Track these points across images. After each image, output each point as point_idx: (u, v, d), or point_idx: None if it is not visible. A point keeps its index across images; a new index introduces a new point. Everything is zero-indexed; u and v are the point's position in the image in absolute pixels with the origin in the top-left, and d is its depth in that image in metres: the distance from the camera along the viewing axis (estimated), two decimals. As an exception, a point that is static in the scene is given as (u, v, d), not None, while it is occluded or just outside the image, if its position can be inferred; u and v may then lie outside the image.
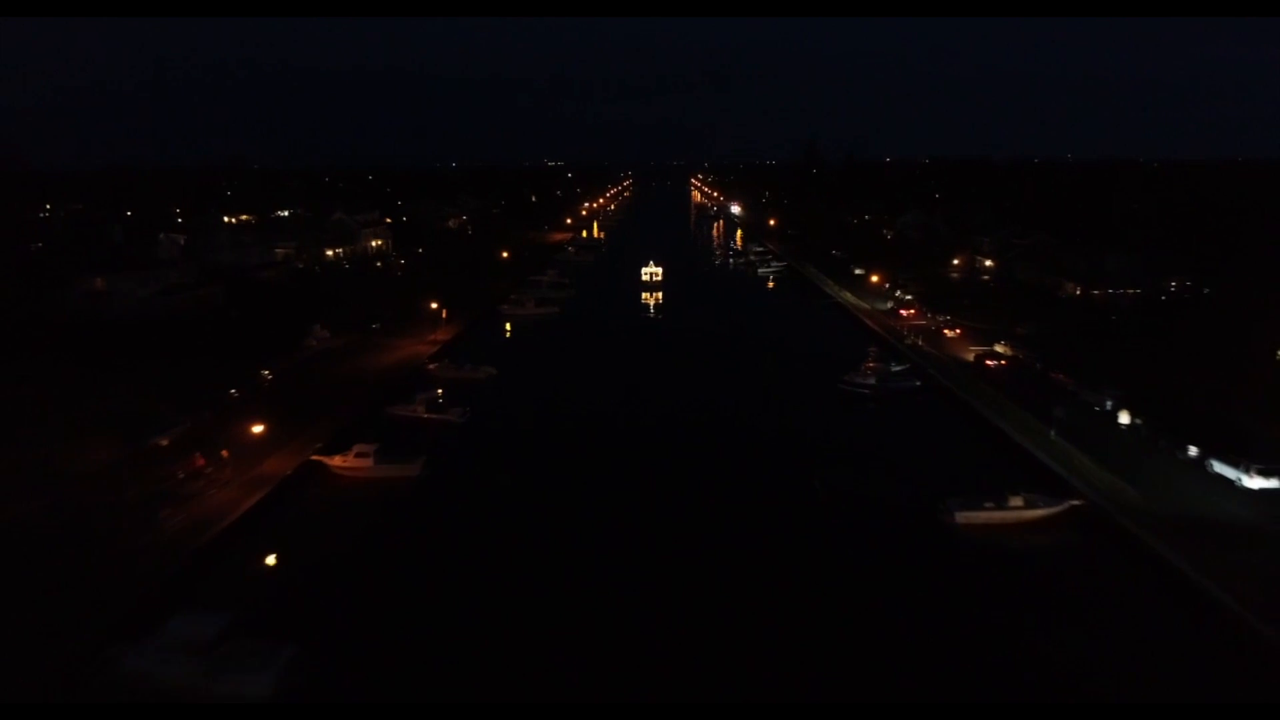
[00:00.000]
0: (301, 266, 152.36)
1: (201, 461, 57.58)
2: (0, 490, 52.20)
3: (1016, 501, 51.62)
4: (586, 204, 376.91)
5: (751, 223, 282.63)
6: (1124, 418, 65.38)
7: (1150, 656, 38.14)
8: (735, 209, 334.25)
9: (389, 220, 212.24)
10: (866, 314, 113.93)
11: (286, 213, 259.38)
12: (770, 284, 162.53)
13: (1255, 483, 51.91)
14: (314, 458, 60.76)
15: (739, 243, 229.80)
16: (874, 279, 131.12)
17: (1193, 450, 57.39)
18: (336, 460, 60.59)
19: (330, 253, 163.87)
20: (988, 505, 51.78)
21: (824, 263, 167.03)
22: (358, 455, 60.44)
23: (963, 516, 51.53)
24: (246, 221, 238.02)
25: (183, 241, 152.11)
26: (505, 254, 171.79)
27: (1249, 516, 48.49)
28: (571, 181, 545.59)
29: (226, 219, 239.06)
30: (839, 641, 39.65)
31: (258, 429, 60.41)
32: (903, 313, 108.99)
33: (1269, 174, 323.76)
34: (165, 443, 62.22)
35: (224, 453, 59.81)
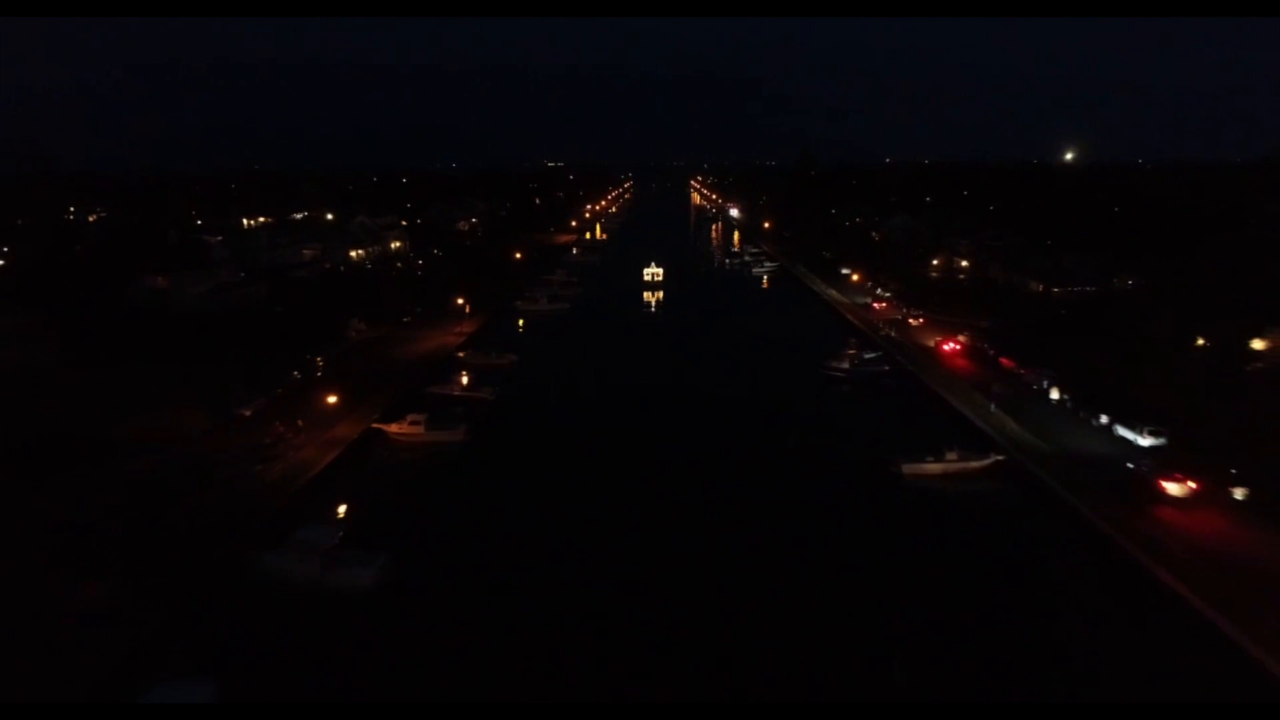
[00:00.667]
0: (328, 267, 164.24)
1: (281, 429, 69.81)
2: (126, 449, 64.22)
3: (952, 456, 63.73)
4: (589, 206, 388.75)
5: (750, 225, 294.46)
6: (1054, 394, 77.51)
7: (1039, 557, 50.45)
8: (734, 212, 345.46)
9: (404, 223, 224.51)
10: (847, 308, 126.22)
11: (300, 215, 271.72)
12: (764, 283, 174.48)
13: (1146, 440, 64.07)
14: (374, 425, 72.90)
15: (736, 244, 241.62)
16: (855, 278, 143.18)
17: (1104, 418, 69.46)
18: (393, 427, 72.74)
19: (354, 254, 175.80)
20: (929, 459, 63.89)
21: (814, 263, 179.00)
22: (411, 423, 72.60)
23: (908, 468, 63.65)
24: (265, 223, 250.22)
25: (216, 241, 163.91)
26: (519, 255, 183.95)
27: (1126, 460, 60.88)
28: (573, 183, 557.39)
29: (246, 221, 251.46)
30: (804, 562, 51.69)
31: (331, 399, 72.60)
32: (875, 306, 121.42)
33: (1248, 175, 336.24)
34: (247, 414, 74.29)
35: (299, 422, 71.97)
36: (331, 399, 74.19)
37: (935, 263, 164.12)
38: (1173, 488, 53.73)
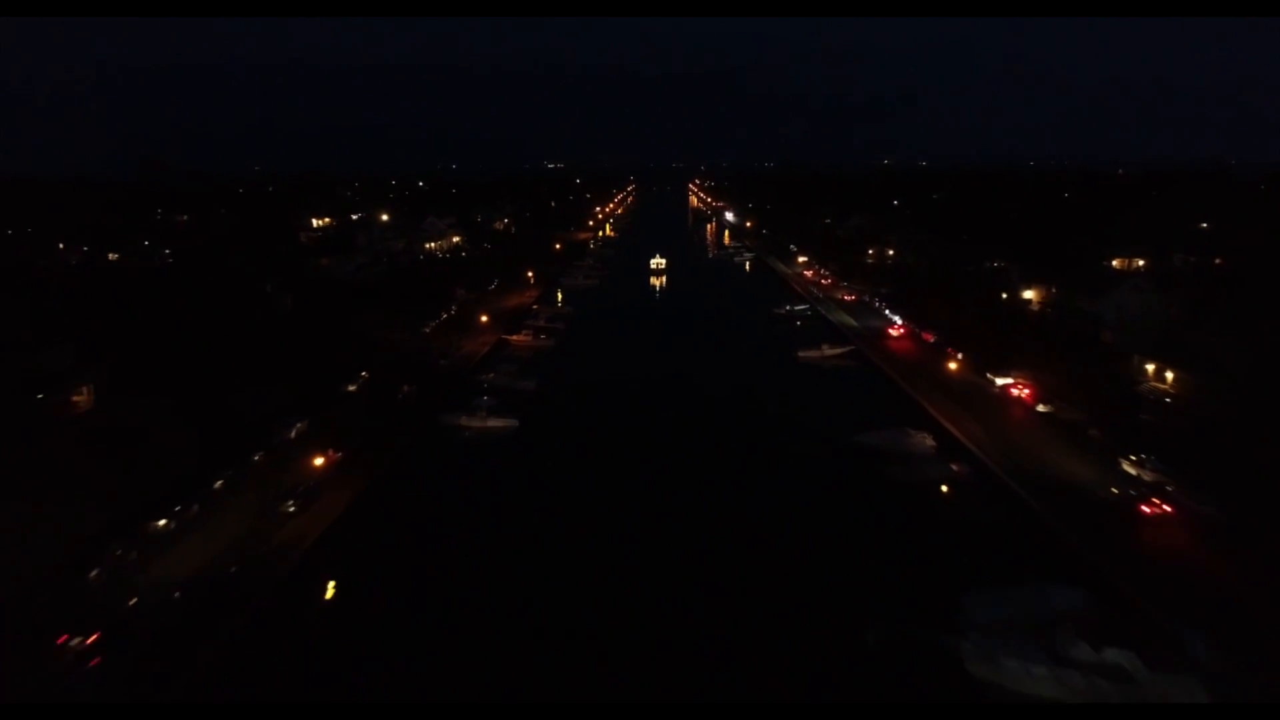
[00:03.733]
0: (411, 255, 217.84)
1: (454, 337, 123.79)
2: (369, 350, 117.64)
3: (826, 346, 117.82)
4: (598, 208, 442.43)
5: (741, 225, 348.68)
6: (898, 320, 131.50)
7: (863, 396, 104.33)
8: (729, 215, 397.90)
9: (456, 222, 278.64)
10: (793, 279, 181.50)
11: (356, 216, 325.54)
12: (746, 268, 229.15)
13: (931, 338, 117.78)
14: (503, 336, 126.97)
15: (727, 241, 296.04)
16: (802, 260, 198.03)
17: (922, 332, 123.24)
18: (514, 338, 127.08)
19: (428, 245, 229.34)
20: (812, 348, 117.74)
21: (783, 254, 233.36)
22: (524, 335, 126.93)
23: (801, 355, 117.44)
24: (330, 225, 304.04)
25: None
26: (559, 246, 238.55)
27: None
28: (579, 186, 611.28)
29: (314, 221, 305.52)
30: (742, 386, 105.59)
31: (483, 319, 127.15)
32: (805, 274, 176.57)
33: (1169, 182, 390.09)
34: (428, 331, 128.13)
35: (460, 335, 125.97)
36: (483, 318, 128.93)
37: (870, 252, 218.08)
38: (893, 333, 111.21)
